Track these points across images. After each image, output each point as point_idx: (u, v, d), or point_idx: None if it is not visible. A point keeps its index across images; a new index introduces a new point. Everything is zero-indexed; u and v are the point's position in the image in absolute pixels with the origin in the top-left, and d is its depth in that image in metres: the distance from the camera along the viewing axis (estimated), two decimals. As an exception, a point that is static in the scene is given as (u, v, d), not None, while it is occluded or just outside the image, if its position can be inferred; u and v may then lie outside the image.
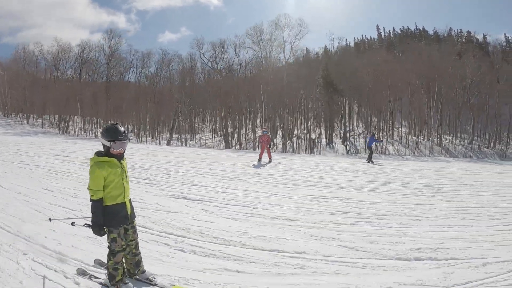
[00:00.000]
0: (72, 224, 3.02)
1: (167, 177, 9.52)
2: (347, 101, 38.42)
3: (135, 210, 3.21)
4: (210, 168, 11.16)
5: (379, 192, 8.23)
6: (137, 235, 3.11)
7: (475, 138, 37.95)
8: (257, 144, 17.83)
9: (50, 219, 3.03)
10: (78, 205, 6.17)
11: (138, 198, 6.74)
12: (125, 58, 41.31)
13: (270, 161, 12.81)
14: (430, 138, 35.46)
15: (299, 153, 29.95)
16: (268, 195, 7.56)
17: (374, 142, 16.10)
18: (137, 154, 15.19)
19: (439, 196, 7.86)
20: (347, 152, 31.22)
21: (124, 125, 37.54)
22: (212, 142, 36.32)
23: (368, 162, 14.95)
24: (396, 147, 35.61)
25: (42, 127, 36.09)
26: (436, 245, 4.55)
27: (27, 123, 36.73)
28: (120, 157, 2.95)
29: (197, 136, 37.47)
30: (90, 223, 2.87)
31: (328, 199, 7.26)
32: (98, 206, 2.82)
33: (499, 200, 7.62)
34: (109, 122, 37.60)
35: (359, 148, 34.47)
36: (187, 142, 35.21)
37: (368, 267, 3.91)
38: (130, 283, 3.00)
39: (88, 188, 2.83)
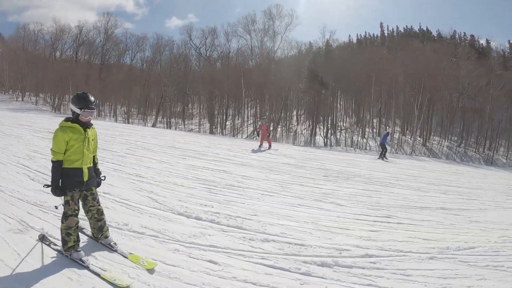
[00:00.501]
0: (56, 207, 3.14)
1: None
2: (337, 95, 38.28)
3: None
4: (138, 141, 11.54)
5: (276, 172, 8.34)
6: (98, 203, 3.18)
7: (464, 141, 37.44)
8: (257, 132, 19.27)
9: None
10: (1, 153, 7.43)
11: (45, 151, 7.84)
12: (122, 41, 41.66)
13: (269, 147, 13.39)
14: (413, 138, 35.12)
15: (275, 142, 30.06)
16: (155, 161, 7.95)
17: (385, 142, 16.10)
18: (97, 128, 15.55)
19: (340, 182, 7.83)
20: (325, 145, 31.21)
21: (115, 107, 38.28)
22: (198, 127, 36.71)
23: (380, 158, 15.20)
24: (378, 143, 35.43)
25: (36, 105, 36.98)
26: (242, 215, 4.58)
27: (22, 100, 37.65)
28: (86, 125, 2.99)
29: (186, 121, 37.92)
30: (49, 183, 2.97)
31: (207, 170, 7.55)
32: (56, 168, 2.89)
33: (413, 194, 7.48)
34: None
35: (340, 142, 34.40)
36: (172, 125, 35.64)
37: (131, 209, 4.35)
38: (82, 252, 2.99)
39: (50, 149, 2.92)
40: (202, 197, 5.29)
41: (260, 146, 13.52)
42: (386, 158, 15.33)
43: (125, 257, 3.07)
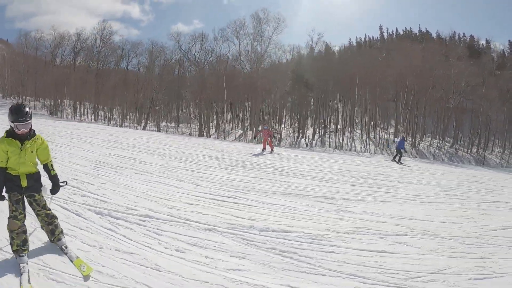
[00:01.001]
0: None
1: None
2: (331, 98, 39.30)
3: None
4: (89, 136, 13.26)
5: (182, 161, 9.44)
6: (46, 208, 3.36)
7: (456, 142, 37.63)
8: (254, 136, 22.89)
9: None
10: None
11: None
12: (120, 46, 44.02)
13: (271, 151, 13.97)
14: (398, 138, 35.68)
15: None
16: (81, 150, 9.70)
17: (402, 146, 16.57)
18: (71, 127, 17.29)
19: (238, 171, 8.71)
20: (306, 146, 32.42)
21: (111, 111, 40.44)
22: (189, 131, 38.49)
23: (397, 162, 15.70)
24: (364, 144, 36.21)
25: (34, 109, 39.51)
26: (93, 183, 5.99)
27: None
28: (24, 137, 3.13)
29: (181, 125, 39.80)
30: None
31: (117, 156, 9.21)
32: None
33: (310, 184, 7.91)
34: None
35: (325, 143, 35.40)
36: (163, 129, 37.49)
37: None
38: (24, 257, 3.11)
39: None
40: (81, 171, 6.87)
41: (263, 150, 14.01)
42: (401, 162, 15.60)
43: (71, 261, 3.23)
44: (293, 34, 60.58)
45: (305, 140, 33.75)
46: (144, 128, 36.63)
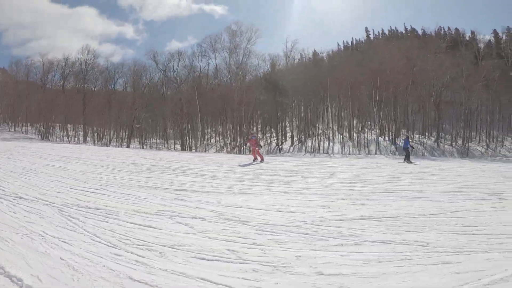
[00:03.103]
0: None
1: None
2: (315, 104, 41.86)
3: None
4: (45, 153, 16.24)
5: (104, 168, 12.19)
6: None
7: (441, 135, 39.10)
8: (245, 143, 25.43)
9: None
10: None
11: None
12: (107, 68, 48.15)
13: (262, 160, 14.82)
14: (375, 136, 37.80)
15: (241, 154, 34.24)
16: (25, 162, 12.66)
17: (408, 145, 17.79)
18: (47, 147, 20.44)
19: (140, 174, 10.63)
20: (280, 151, 35.07)
21: (98, 131, 44.00)
22: (174, 146, 41.69)
23: (405, 161, 16.98)
24: (343, 146, 38.38)
25: (26, 134, 43.54)
26: (9, 180, 9.02)
27: (14, 130, 44.44)
28: None
29: (167, 141, 43.15)
30: None
31: (54, 167, 12.02)
32: None
33: (192, 181, 9.20)
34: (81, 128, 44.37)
35: (302, 149, 37.85)
36: (146, 145, 40.74)
37: None
38: None
39: None
40: (8, 175, 9.76)
41: (254, 160, 14.86)
42: (411, 161, 16.95)
43: None
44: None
45: (278, 147, 36.36)
46: (128, 146, 39.92)
